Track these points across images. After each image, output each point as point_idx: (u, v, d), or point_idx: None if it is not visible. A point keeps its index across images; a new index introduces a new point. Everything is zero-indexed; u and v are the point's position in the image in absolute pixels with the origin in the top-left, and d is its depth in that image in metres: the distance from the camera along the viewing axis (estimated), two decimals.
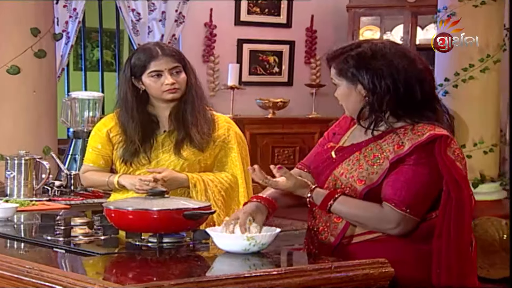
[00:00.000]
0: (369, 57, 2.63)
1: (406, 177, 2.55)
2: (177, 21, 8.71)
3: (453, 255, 2.52)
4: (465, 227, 2.55)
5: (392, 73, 2.60)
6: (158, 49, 3.32)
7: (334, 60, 2.71)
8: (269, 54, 9.34)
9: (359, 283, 2.29)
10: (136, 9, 8.51)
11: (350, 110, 2.74)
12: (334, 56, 2.72)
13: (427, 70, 2.67)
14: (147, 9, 8.60)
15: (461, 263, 2.53)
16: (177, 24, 8.72)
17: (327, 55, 2.75)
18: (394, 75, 2.60)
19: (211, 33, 9.02)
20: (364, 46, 2.67)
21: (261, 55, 9.30)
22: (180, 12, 8.70)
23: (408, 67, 2.62)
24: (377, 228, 2.59)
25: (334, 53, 2.72)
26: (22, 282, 2.27)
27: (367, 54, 2.64)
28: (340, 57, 2.69)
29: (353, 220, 2.63)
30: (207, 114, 3.40)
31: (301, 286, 2.22)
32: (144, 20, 8.57)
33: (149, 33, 8.61)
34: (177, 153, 3.34)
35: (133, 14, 8.38)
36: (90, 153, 3.44)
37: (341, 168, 2.69)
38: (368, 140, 2.68)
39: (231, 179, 3.39)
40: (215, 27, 9.04)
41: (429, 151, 2.55)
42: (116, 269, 2.42)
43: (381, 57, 2.62)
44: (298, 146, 8.60)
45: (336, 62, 2.70)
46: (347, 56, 2.67)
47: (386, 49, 2.64)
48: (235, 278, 2.16)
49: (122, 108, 3.36)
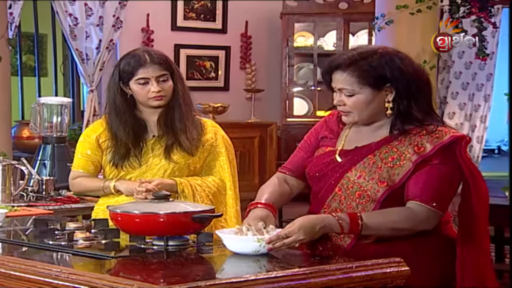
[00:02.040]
0: (399, 62, 2.71)
1: (433, 175, 2.67)
2: (115, 26, 8.71)
3: (476, 251, 2.68)
4: (486, 222, 2.72)
5: (420, 78, 2.73)
6: (147, 56, 3.37)
7: (350, 68, 2.72)
8: (206, 59, 9.42)
9: (378, 282, 2.39)
10: (73, 14, 8.47)
11: (364, 118, 2.78)
12: (350, 63, 2.72)
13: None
14: (84, 13, 8.57)
15: (482, 259, 2.72)
16: (114, 29, 8.71)
17: (336, 63, 2.75)
18: (422, 79, 2.74)
19: (148, 38, 9.05)
20: (384, 51, 2.73)
21: (198, 60, 9.37)
22: (117, 17, 8.69)
23: (421, 73, 2.75)
24: (413, 228, 2.67)
25: (350, 60, 2.72)
26: (51, 286, 2.30)
27: (395, 59, 2.71)
28: (360, 63, 2.71)
29: (389, 228, 2.66)
30: (195, 120, 3.47)
31: (326, 285, 2.31)
32: (81, 25, 8.53)
33: (87, 38, 8.58)
34: (167, 157, 3.40)
35: (70, 19, 8.33)
36: (79, 159, 3.48)
37: (356, 171, 2.75)
38: (378, 142, 2.76)
39: (219, 183, 3.47)
40: (152, 32, 9.07)
41: (452, 152, 2.69)
42: (139, 271, 2.45)
43: (408, 61, 2.73)
44: (239, 151, 8.64)
45: (356, 69, 2.71)
46: (372, 61, 2.70)
47: (402, 54, 2.76)
48: (267, 279, 2.24)
49: (112, 112, 3.40)
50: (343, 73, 2.75)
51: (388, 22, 7.59)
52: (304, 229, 2.58)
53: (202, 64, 9.39)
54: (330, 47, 9.65)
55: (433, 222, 2.69)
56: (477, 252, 2.71)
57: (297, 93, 9.62)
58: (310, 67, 9.80)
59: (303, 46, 9.72)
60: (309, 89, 9.73)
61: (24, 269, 2.39)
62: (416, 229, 2.68)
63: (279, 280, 2.25)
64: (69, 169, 3.61)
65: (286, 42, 9.52)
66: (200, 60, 9.38)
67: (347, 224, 2.63)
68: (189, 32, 9.31)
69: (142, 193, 3.23)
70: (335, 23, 9.58)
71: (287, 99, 9.46)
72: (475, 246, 2.71)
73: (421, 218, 2.67)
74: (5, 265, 2.45)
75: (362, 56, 2.74)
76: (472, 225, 2.71)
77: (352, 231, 2.65)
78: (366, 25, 9.58)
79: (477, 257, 2.72)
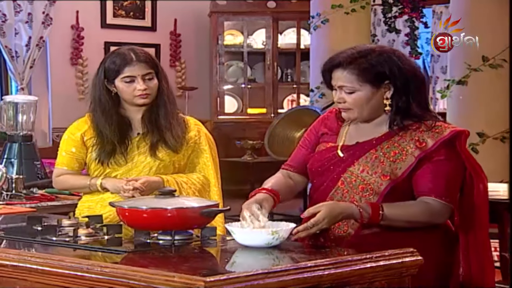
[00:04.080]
0: (397, 60, 2.79)
1: (440, 171, 2.76)
2: (44, 23, 8.62)
3: (477, 241, 2.81)
4: (486, 213, 2.85)
5: (417, 75, 2.83)
6: (133, 55, 3.38)
7: (350, 66, 2.79)
8: None
9: (395, 271, 2.47)
10: (1, 10, 8.34)
11: (364, 114, 2.86)
12: (351, 61, 2.80)
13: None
14: (13, 10, 8.45)
15: (482, 249, 2.84)
16: (44, 26, 8.62)
17: (337, 62, 2.83)
18: (419, 76, 2.83)
19: (78, 35, 8.98)
20: (383, 49, 2.81)
21: None
22: (47, 14, 8.61)
23: (417, 71, 2.86)
24: (429, 221, 2.78)
25: (350, 58, 2.80)
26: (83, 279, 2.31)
27: (393, 57, 2.80)
28: (359, 61, 2.79)
29: (407, 220, 2.76)
30: (179, 118, 3.51)
31: (350, 275, 2.38)
32: (10, 22, 8.41)
33: (16, 34, 8.47)
34: (153, 154, 3.42)
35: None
36: (63, 157, 3.46)
37: (359, 165, 2.83)
38: (379, 138, 2.85)
39: (203, 180, 3.51)
40: (82, 29, 9.01)
41: (453, 146, 2.79)
42: (163, 264, 2.47)
43: (405, 59, 2.82)
44: None
45: (356, 67, 2.79)
46: (371, 59, 2.78)
47: (399, 52, 2.86)
48: (297, 269, 2.30)
49: (97, 110, 3.40)
50: (343, 71, 2.82)
51: (323, 21, 7.74)
52: (329, 219, 2.67)
53: None
54: (260, 45, 9.76)
55: (447, 216, 2.81)
56: (478, 241, 2.84)
57: (227, 91, 9.69)
58: (239, 65, 9.89)
59: (232, 44, 9.80)
60: (239, 87, 9.83)
61: (52, 264, 2.39)
62: (431, 223, 2.79)
63: (308, 270, 2.31)
64: (37, 167, 3.59)
65: (216, 40, 9.58)
66: None
67: (368, 214, 2.72)
68: (119, 29, 9.29)
69: (130, 191, 3.26)
70: (264, 22, 9.71)
71: (218, 96, 9.52)
72: (475, 236, 2.84)
73: (437, 213, 2.77)
74: (30, 260, 2.44)
75: (361, 54, 2.82)
76: (473, 217, 2.83)
77: (371, 221, 2.74)
78: (294, 23, 9.74)
79: (477, 246, 2.84)
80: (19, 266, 2.46)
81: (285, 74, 9.89)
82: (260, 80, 9.88)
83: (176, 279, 2.19)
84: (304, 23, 9.67)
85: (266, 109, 9.67)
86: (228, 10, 9.62)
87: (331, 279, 2.35)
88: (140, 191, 3.26)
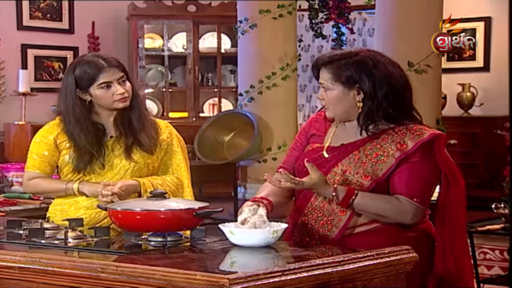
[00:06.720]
0: (371, 66, 2.91)
1: (414, 172, 2.88)
2: None
3: (455, 239, 2.93)
4: (464, 213, 2.97)
5: (390, 82, 2.91)
6: (103, 61, 3.38)
7: (329, 65, 2.95)
8: (54, 60, 9.25)
9: (393, 268, 2.56)
10: None
11: (338, 113, 3.00)
12: (330, 61, 2.95)
13: (407, 77, 3.03)
14: None
15: (460, 246, 2.94)
16: None
17: (321, 60, 2.97)
18: (392, 83, 2.92)
19: None
20: (362, 55, 2.94)
21: (46, 61, 9.19)
22: None
23: (400, 76, 2.95)
24: (396, 219, 2.89)
25: (331, 58, 2.96)
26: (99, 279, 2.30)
27: (368, 63, 2.91)
28: (337, 63, 2.93)
29: (375, 213, 2.89)
30: (151, 119, 3.52)
31: (356, 272, 2.46)
32: None
33: None
34: (128, 157, 3.42)
35: None
36: (35, 160, 3.42)
37: (342, 165, 2.94)
38: (362, 140, 2.97)
39: (177, 182, 3.52)
40: None
41: (431, 148, 2.91)
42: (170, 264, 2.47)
43: (382, 66, 2.92)
44: None
45: (333, 67, 2.94)
46: (347, 62, 2.92)
47: (383, 58, 2.95)
48: (309, 266, 2.37)
49: (70, 121, 3.37)
50: (323, 69, 2.99)
51: (252, 25, 7.82)
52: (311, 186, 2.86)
53: (50, 65, 9.22)
54: (180, 49, 9.75)
55: (418, 217, 2.92)
56: (455, 242, 2.96)
57: (148, 95, 9.64)
58: (159, 69, 9.86)
59: (152, 47, 9.76)
60: (160, 91, 9.79)
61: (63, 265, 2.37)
62: (397, 221, 2.90)
63: (319, 267, 2.38)
64: None
65: (136, 43, 9.52)
66: (48, 61, 9.21)
67: (338, 199, 2.87)
68: (36, 31, 9.12)
69: (108, 197, 3.25)
70: (184, 25, 9.70)
71: None
72: (452, 234, 2.96)
73: (405, 212, 2.88)
74: (38, 262, 2.41)
75: (342, 56, 2.97)
76: (450, 216, 2.95)
77: (340, 204, 2.88)
78: (215, 27, 9.77)
79: (454, 243, 2.96)
80: (26, 268, 2.43)
81: (206, 78, 9.91)
82: (181, 84, 9.87)
83: (198, 277, 2.22)
84: (224, 27, 9.73)
85: (187, 113, 9.67)
86: (147, 13, 9.57)
87: (339, 276, 2.43)
88: (119, 196, 3.26)
